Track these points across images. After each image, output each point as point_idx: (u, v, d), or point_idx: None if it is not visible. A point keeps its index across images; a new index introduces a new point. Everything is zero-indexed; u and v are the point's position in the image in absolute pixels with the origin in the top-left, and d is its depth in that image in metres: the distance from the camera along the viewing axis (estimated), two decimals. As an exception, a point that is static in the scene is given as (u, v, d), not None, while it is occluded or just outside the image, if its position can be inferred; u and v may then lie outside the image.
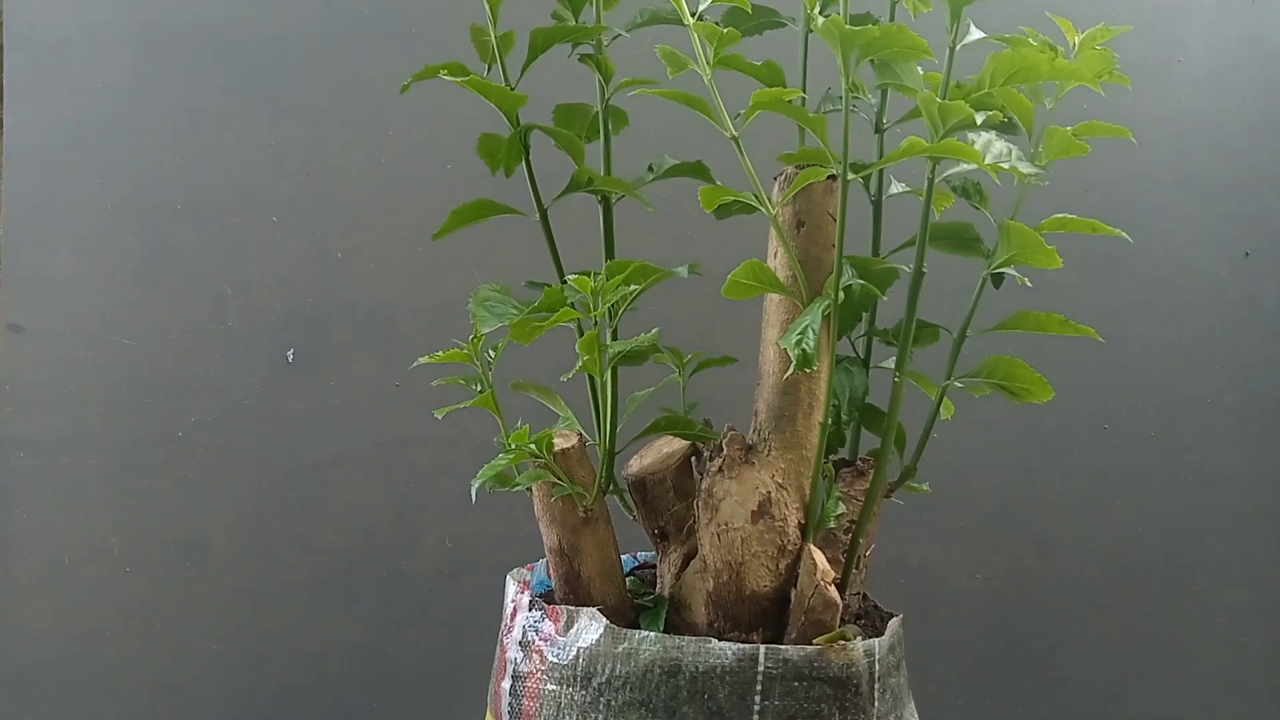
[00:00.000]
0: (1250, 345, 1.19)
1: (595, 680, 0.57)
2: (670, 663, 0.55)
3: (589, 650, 0.57)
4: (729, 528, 0.59)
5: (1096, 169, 1.17)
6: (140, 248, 1.08)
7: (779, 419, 0.61)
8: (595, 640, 0.57)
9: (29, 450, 1.06)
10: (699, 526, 0.61)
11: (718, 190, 0.59)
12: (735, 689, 0.55)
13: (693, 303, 0.93)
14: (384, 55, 1.09)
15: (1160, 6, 1.18)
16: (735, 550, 0.59)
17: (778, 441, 0.61)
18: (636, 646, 0.56)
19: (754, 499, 0.59)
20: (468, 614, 1.10)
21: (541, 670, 0.59)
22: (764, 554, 0.59)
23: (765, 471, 0.60)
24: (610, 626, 0.57)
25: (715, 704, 0.55)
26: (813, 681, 0.56)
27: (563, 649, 0.58)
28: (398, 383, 1.10)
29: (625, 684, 0.56)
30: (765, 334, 0.64)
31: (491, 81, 0.63)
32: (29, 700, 1.06)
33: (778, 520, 0.59)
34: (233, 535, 1.08)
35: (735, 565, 0.59)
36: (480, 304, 0.61)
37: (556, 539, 0.63)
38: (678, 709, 0.55)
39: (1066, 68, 0.55)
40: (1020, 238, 0.61)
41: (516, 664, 0.61)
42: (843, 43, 0.53)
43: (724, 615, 0.60)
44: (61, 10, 1.06)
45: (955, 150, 0.53)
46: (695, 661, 0.55)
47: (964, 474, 1.15)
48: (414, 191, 1.09)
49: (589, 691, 0.56)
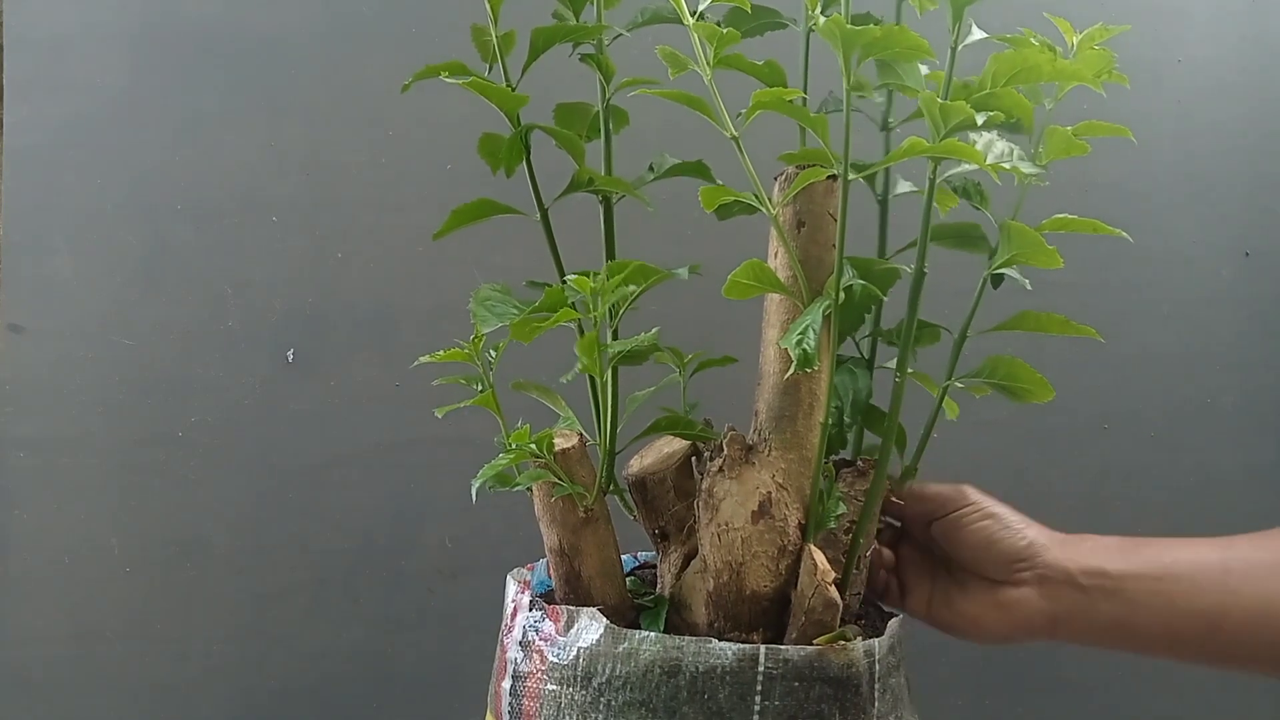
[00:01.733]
0: (1250, 345, 1.19)
1: (595, 680, 0.56)
2: (670, 663, 0.55)
3: (589, 650, 0.57)
4: (730, 528, 0.59)
5: (1096, 169, 1.17)
6: (140, 248, 1.08)
7: (779, 419, 0.61)
8: (596, 640, 0.57)
9: (29, 450, 1.06)
10: (699, 527, 0.61)
11: (718, 190, 0.59)
12: (736, 689, 0.55)
13: (693, 303, 0.92)
14: (384, 55, 1.09)
15: (1160, 6, 1.18)
16: (736, 550, 0.59)
17: (778, 441, 0.61)
18: (637, 646, 0.56)
19: (755, 499, 0.59)
20: (468, 614, 1.10)
21: (542, 670, 0.58)
22: (764, 554, 0.59)
23: (766, 471, 0.60)
24: (610, 626, 0.57)
25: (715, 704, 0.55)
26: (813, 682, 0.56)
27: (563, 649, 0.58)
28: (398, 383, 1.10)
29: (625, 684, 0.55)
30: (766, 334, 0.64)
31: (492, 82, 0.63)
32: (29, 700, 1.06)
33: (778, 520, 0.59)
34: (233, 535, 1.08)
35: (736, 565, 0.59)
36: (480, 304, 0.61)
37: (557, 539, 0.62)
38: (678, 709, 0.55)
39: (1068, 68, 0.56)
40: (1021, 238, 0.61)
41: (517, 664, 0.60)
42: (844, 43, 0.53)
43: (724, 615, 0.60)
44: (61, 10, 1.06)
45: (956, 150, 0.53)
46: (695, 661, 0.55)
47: (964, 474, 1.15)
48: (414, 191, 1.09)
49: (589, 691, 0.56)
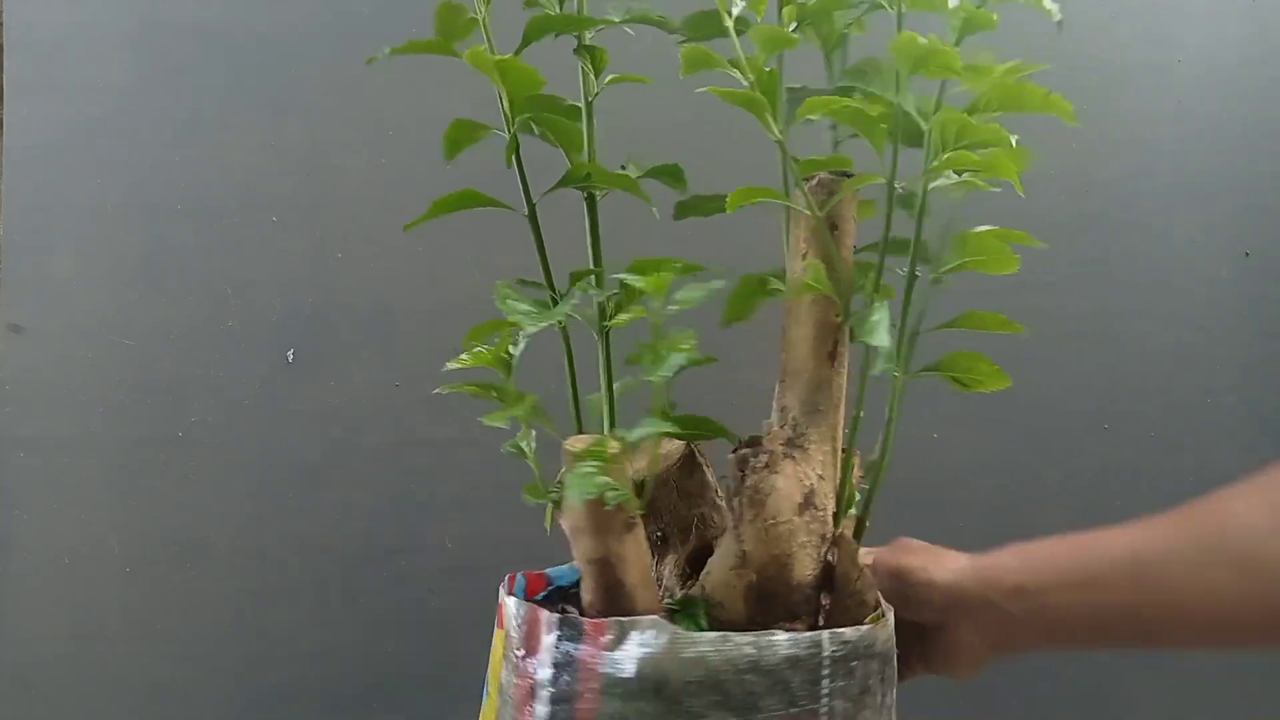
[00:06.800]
0: (1250, 345, 1.19)
1: (668, 689, 0.55)
2: (744, 660, 0.55)
3: (653, 659, 0.55)
4: (777, 521, 0.60)
5: (1096, 169, 1.17)
6: (140, 248, 1.08)
7: (813, 414, 0.64)
8: (661, 648, 0.55)
9: (29, 450, 1.06)
10: (738, 524, 0.61)
11: (749, 191, 0.60)
12: (807, 675, 0.56)
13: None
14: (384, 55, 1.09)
15: (1160, 6, 1.18)
16: (783, 543, 0.60)
17: (815, 435, 0.63)
18: (705, 650, 0.55)
19: (799, 492, 0.61)
20: (468, 614, 1.10)
21: (595, 690, 0.56)
22: (809, 544, 0.61)
23: (806, 465, 0.62)
24: (676, 632, 0.56)
25: (790, 694, 0.55)
26: (867, 658, 0.58)
27: (620, 663, 0.56)
28: (398, 383, 1.10)
29: (701, 688, 0.55)
30: (793, 332, 0.66)
31: (514, 58, 0.61)
32: (29, 700, 1.06)
33: (820, 510, 0.61)
34: (233, 535, 1.08)
35: (784, 558, 0.60)
36: (509, 301, 0.60)
37: (602, 548, 0.59)
38: (756, 703, 0.55)
39: (1055, 101, 0.58)
40: (976, 244, 0.64)
41: (553, 688, 0.57)
42: (902, 59, 0.56)
43: (768, 608, 0.61)
44: (61, 10, 1.06)
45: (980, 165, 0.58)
46: (766, 655, 0.55)
47: (964, 474, 1.15)
48: (414, 191, 1.08)
49: (661, 702, 0.55)
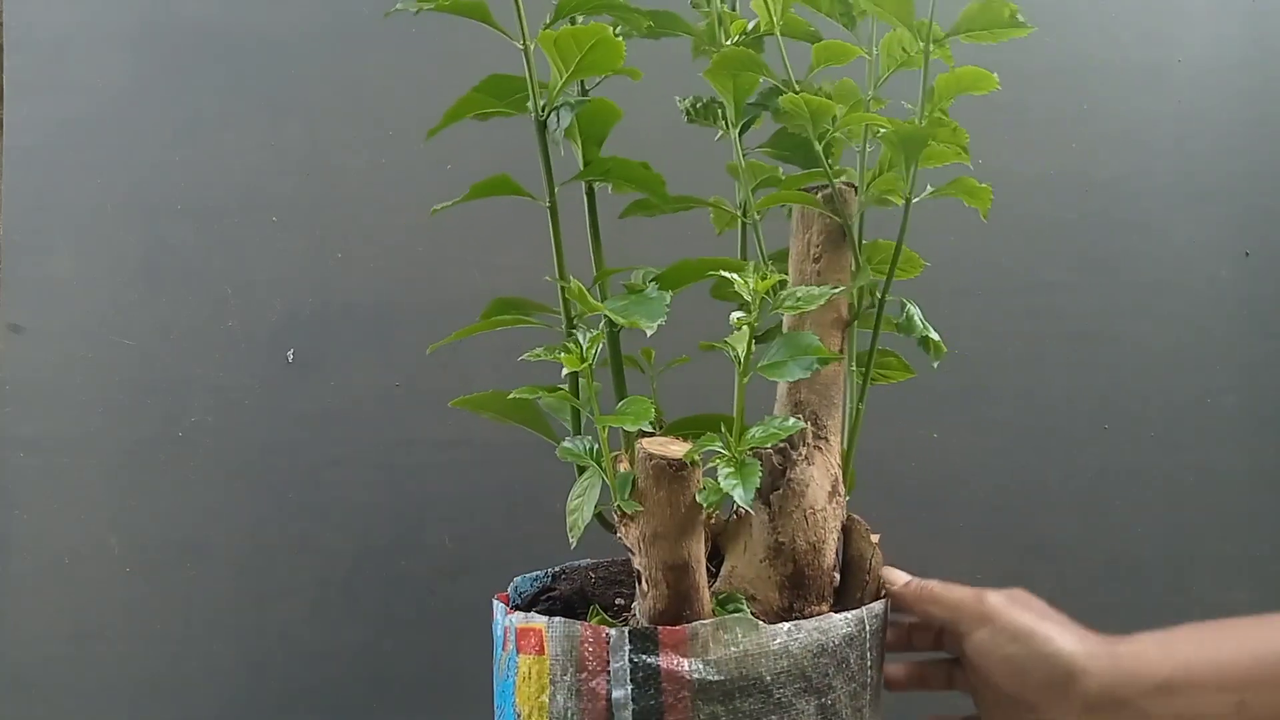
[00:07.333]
0: (1250, 345, 1.19)
1: (763, 682, 0.56)
2: (816, 645, 0.59)
3: (746, 657, 0.56)
4: (815, 509, 0.65)
5: (1096, 169, 1.17)
6: (140, 248, 1.08)
7: (830, 407, 0.68)
8: (753, 645, 0.57)
9: (29, 450, 1.06)
10: (774, 517, 0.64)
11: (778, 196, 0.65)
12: (857, 650, 0.61)
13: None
14: (384, 55, 1.09)
15: (1160, 6, 1.18)
16: (819, 530, 0.65)
17: (833, 426, 0.68)
18: (788, 639, 0.58)
19: (828, 481, 0.66)
20: (468, 614, 1.10)
21: (687, 698, 0.56)
22: (835, 529, 0.66)
23: (830, 455, 0.67)
24: (761, 627, 0.57)
25: (849, 669, 0.60)
26: (891, 627, 0.66)
27: (711, 666, 0.56)
28: (398, 383, 1.10)
29: (789, 677, 0.57)
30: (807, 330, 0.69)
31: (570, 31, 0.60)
32: (29, 700, 1.06)
33: (841, 497, 0.67)
34: (233, 535, 1.08)
35: (818, 544, 0.65)
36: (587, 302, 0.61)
37: (684, 553, 0.59)
38: (829, 682, 0.59)
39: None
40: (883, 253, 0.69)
41: (636, 704, 0.56)
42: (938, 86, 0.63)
43: (802, 594, 0.64)
44: (61, 10, 1.07)
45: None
46: (830, 637, 0.59)
47: (964, 474, 1.15)
48: (414, 191, 1.09)
49: (758, 697, 0.56)
